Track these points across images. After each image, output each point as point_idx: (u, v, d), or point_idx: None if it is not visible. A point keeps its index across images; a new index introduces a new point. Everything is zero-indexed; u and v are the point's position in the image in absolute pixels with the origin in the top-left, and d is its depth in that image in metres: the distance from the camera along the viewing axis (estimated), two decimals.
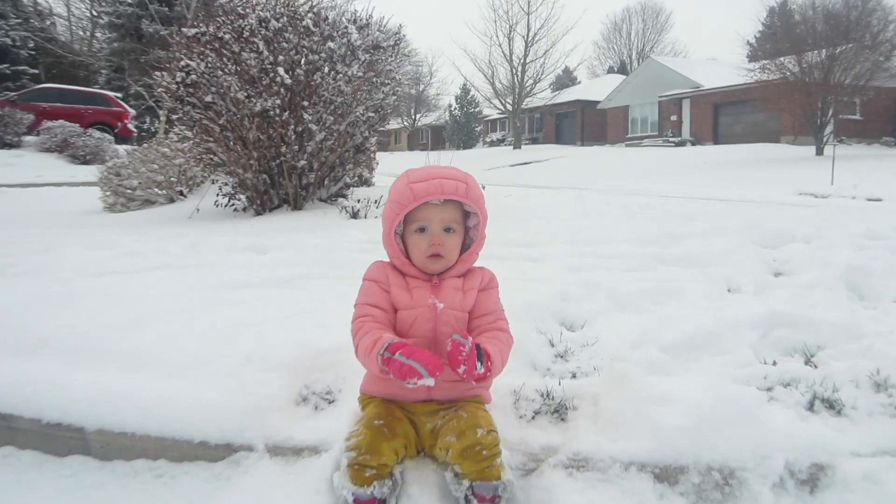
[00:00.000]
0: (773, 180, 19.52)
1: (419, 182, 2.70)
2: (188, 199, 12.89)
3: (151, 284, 5.14)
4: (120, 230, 9.35)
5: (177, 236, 7.88)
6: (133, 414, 3.14)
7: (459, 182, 2.72)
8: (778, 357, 3.83)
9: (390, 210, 2.76)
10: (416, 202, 2.69)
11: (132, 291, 4.90)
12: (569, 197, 13.57)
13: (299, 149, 9.93)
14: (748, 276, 5.37)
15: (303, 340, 3.67)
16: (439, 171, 2.73)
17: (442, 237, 2.77)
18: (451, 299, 2.81)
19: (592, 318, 4.41)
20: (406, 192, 2.70)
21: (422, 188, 2.68)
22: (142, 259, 6.28)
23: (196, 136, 10.72)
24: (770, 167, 24.64)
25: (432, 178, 2.70)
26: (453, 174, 2.74)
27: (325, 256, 6.30)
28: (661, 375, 3.27)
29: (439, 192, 2.69)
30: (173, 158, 13.48)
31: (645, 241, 6.94)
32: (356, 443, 2.59)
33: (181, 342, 3.71)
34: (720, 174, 23.14)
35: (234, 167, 10.24)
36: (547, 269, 5.65)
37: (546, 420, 3.11)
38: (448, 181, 2.70)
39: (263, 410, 3.12)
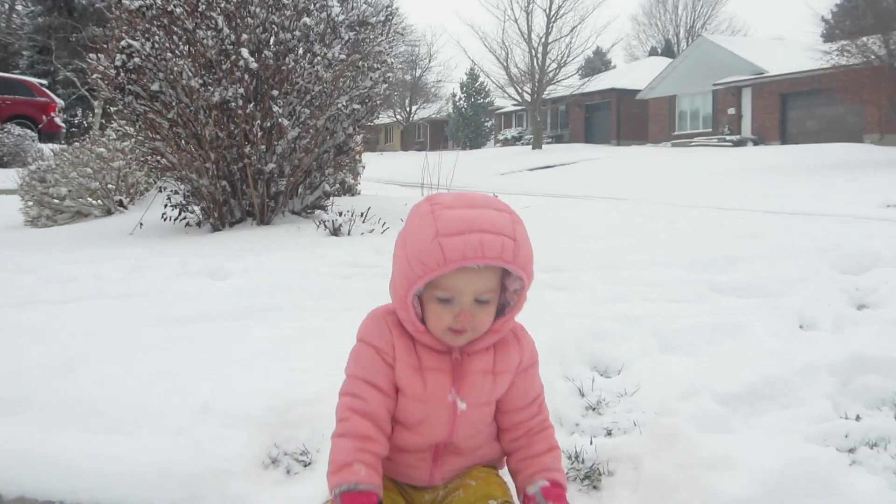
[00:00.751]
0: (854, 190, 19.51)
1: (452, 236, 2.33)
2: (129, 212, 12.95)
3: (84, 318, 5.15)
4: (45, 250, 9.38)
5: (115, 257, 7.90)
6: (61, 478, 3.13)
7: (506, 238, 2.36)
8: (862, 410, 3.83)
9: (409, 268, 2.41)
10: (446, 267, 2.34)
11: (61, 326, 4.91)
12: (602, 209, 13.59)
13: (267, 149, 9.98)
14: (825, 308, 5.37)
15: (272, 388, 3.68)
16: (480, 217, 2.37)
17: (472, 310, 2.46)
18: (479, 390, 2.62)
19: (632, 361, 4.42)
20: (433, 251, 2.34)
21: (456, 247, 2.32)
22: (72, 286, 6.29)
23: (139, 133, 10.78)
24: (851, 173, 24.64)
25: (470, 230, 2.33)
26: (498, 225, 2.37)
27: (300, 283, 6.31)
28: (718, 433, 3.27)
29: (479, 255, 2.33)
30: (111, 161, 13.54)
31: (697, 264, 6.96)
32: None
33: (121, 390, 3.72)
34: (789, 181, 23.16)
35: (186, 171, 10.28)
36: (575, 299, 5.66)
37: (574, 489, 3.11)
38: (491, 237, 2.34)
39: (223, 475, 3.11)
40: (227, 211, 10.60)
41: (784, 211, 14.39)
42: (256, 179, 10.23)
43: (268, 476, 3.24)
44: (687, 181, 24.71)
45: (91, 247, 9.58)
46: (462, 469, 2.73)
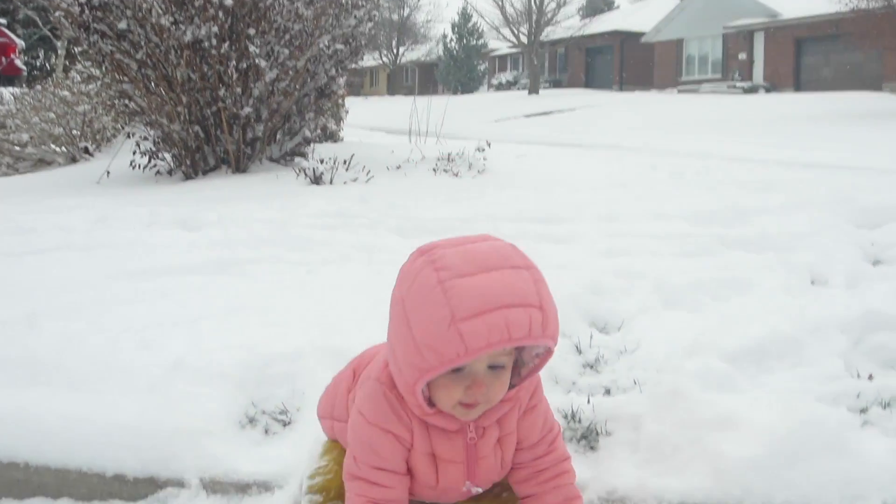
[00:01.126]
0: (872, 141, 19.48)
1: (471, 319, 2.06)
2: (95, 159, 12.89)
3: (48, 271, 5.16)
4: (5, 199, 9.35)
5: (81, 207, 7.88)
6: (26, 439, 3.16)
7: (533, 310, 2.11)
8: (875, 370, 3.85)
9: (420, 358, 2.14)
10: (467, 357, 2.09)
11: (23, 280, 4.92)
12: (603, 158, 13.57)
13: (243, 92, 9.92)
14: (838, 264, 5.39)
15: (249, 344, 3.70)
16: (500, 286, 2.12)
17: (487, 379, 2.24)
18: (490, 469, 2.52)
19: (632, 317, 4.44)
20: (452, 341, 2.07)
21: (478, 334, 2.06)
22: (36, 238, 6.28)
23: (106, 76, 10.71)
24: (868, 123, 24.58)
25: (492, 307, 2.07)
26: (521, 292, 2.13)
27: (278, 234, 6.31)
28: (724, 392, 3.30)
29: (505, 338, 2.07)
30: (76, 105, 13.47)
31: (703, 217, 6.96)
32: (324, 483, 2.58)
33: (88, 346, 3.73)
34: (803, 131, 23.10)
35: (155, 116, 10.22)
36: (573, 252, 5.67)
37: (570, 449, 3.10)
38: (517, 312, 2.09)
39: (197, 434, 3.14)
40: (201, 158, 10.55)
41: (797, 162, 14.37)
42: (231, 124, 10.18)
43: (245, 436, 3.26)
44: (694, 129, 24.64)
45: (55, 196, 9.54)
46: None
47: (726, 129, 24.78)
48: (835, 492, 2.70)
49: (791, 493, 2.70)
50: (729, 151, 16.60)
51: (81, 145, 13.31)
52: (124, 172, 10.99)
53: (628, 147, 18.22)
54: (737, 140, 20.54)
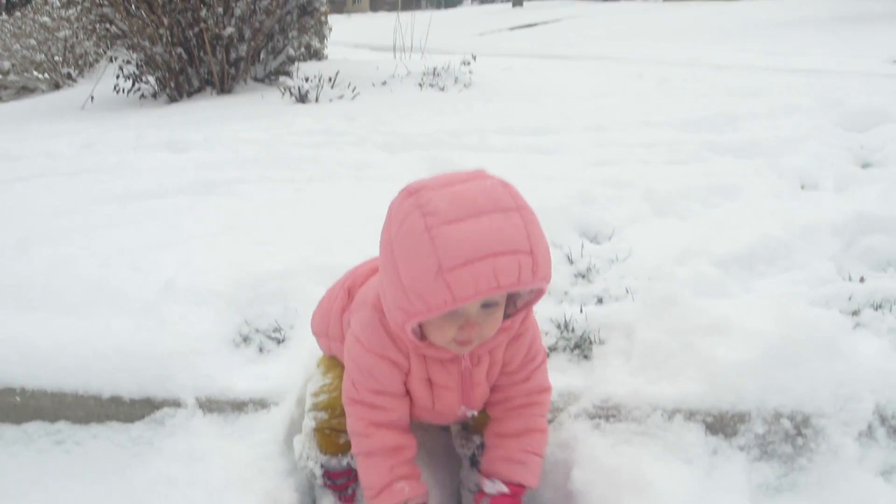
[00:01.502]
0: (859, 44, 19.37)
1: (459, 269, 2.03)
2: (79, 85, 12.77)
3: (36, 197, 5.12)
4: None
5: (66, 133, 7.82)
6: (21, 364, 3.15)
7: (523, 256, 2.07)
8: (867, 272, 3.86)
9: (407, 302, 2.13)
10: (454, 305, 2.07)
11: (10, 207, 4.89)
12: (590, 69, 13.47)
13: (224, 11, 9.80)
14: (828, 168, 5.38)
15: (240, 263, 3.68)
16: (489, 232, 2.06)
17: (480, 318, 2.24)
18: (483, 392, 2.56)
19: (623, 226, 4.43)
20: (438, 290, 2.06)
21: (465, 283, 2.04)
22: (21, 164, 6.23)
23: (85, 0, 10.54)
24: (855, 27, 24.40)
25: (480, 255, 2.03)
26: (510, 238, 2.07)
27: (265, 153, 6.27)
28: (715, 297, 3.29)
29: (493, 286, 2.05)
30: (56, 31, 13.30)
31: (692, 124, 6.94)
32: (329, 400, 2.58)
33: (79, 270, 3.71)
34: (790, 36, 22.93)
35: (137, 39, 10.09)
36: (563, 162, 5.65)
37: (564, 358, 3.14)
38: (506, 260, 2.05)
39: (192, 354, 3.13)
40: (185, 80, 10.46)
41: (784, 67, 14.30)
42: (214, 45, 10.06)
43: (239, 354, 3.26)
44: (680, 38, 24.44)
45: (39, 123, 9.46)
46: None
47: (713, 36, 24.59)
48: (827, 394, 2.70)
49: (784, 396, 2.70)
50: (716, 59, 16.50)
51: (64, 71, 13.16)
52: (108, 97, 10.89)
53: (615, 57, 18.09)
54: (723, 47, 20.40)
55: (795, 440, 2.69)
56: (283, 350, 3.26)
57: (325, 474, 2.58)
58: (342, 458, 2.56)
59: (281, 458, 2.72)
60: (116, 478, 2.81)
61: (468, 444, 2.64)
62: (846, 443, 2.68)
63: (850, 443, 2.68)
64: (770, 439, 2.70)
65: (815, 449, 2.67)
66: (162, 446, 2.89)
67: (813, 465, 2.67)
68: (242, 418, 2.94)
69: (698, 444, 2.68)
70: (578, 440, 2.72)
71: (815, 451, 2.67)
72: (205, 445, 2.84)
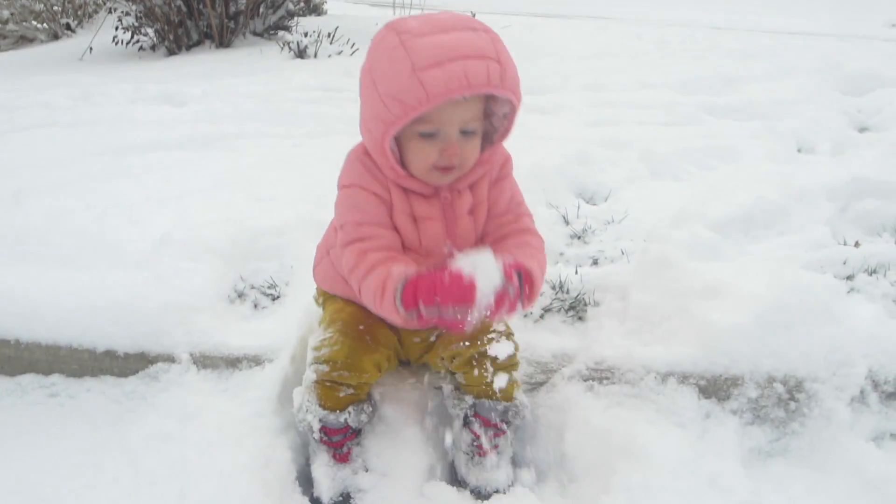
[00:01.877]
0: (858, 8, 19.31)
1: (432, 69, 2.16)
2: (78, 35, 12.67)
3: (33, 148, 5.08)
4: None
5: (64, 84, 7.75)
6: (15, 316, 3.13)
7: (490, 62, 2.21)
8: (861, 236, 3.85)
9: (385, 109, 2.25)
10: (429, 104, 2.18)
11: (7, 157, 4.86)
12: (587, 29, 13.40)
13: None
14: (825, 131, 5.36)
15: (236, 218, 3.66)
16: (458, 42, 2.22)
17: (460, 143, 2.35)
18: (467, 231, 2.58)
19: (620, 187, 4.41)
20: (413, 88, 2.18)
21: (438, 81, 2.16)
22: (19, 115, 6.19)
23: None
24: None
25: (451, 58, 2.17)
26: (479, 47, 2.23)
27: (263, 108, 6.23)
28: (710, 260, 3.28)
29: (464, 85, 2.17)
30: None
31: (689, 86, 6.90)
32: (331, 353, 2.55)
33: (75, 222, 3.68)
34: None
35: None
36: (559, 123, 5.62)
37: (559, 320, 3.13)
38: (475, 63, 2.19)
39: (187, 310, 3.11)
40: (184, 33, 10.37)
41: (783, 30, 14.23)
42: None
43: (234, 310, 3.24)
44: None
45: (38, 73, 9.39)
46: None
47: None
48: (820, 358, 2.70)
49: (777, 360, 2.70)
50: (715, 20, 16.45)
51: (63, 21, 13.05)
52: (107, 49, 10.80)
53: (613, 17, 18.00)
54: (722, 8, 20.33)
55: (788, 405, 2.69)
56: (278, 307, 3.24)
57: (322, 429, 2.57)
58: (340, 415, 2.55)
59: (274, 416, 2.70)
60: (110, 432, 2.80)
61: (460, 404, 2.63)
62: (838, 408, 2.68)
63: (842, 408, 2.68)
64: (763, 403, 2.69)
65: (808, 413, 2.68)
66: (155, 401, 2.87)
67: (805, 429, 2.67)
68: (236, 375, 2.92)
69: (691, 408, 2.68)
70: (571, 402, 2.72)
71: (807, 415, 2.68)
72: (198, 401, 2.82)
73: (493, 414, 2.60)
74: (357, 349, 2.53)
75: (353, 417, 2.55)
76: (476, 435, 2.63)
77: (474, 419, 2.61)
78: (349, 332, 2.56)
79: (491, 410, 2.59)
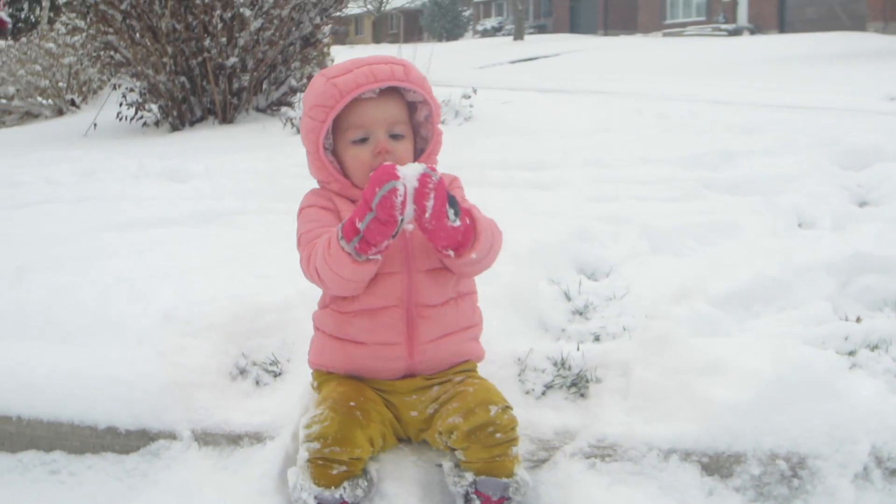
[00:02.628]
0: (856, 82, 19.43)
1: (343, 75, 2.63)
2: (82, 111, 12.80)
3: (36, 224, 5.12)
4: None
5: (68, 160, 7.81)
6: (17, 392, 3.13)
7: (395, 65, 2.66)
8: (863, 312, 3.85)
9: (310, 120, 2.67)
10: (343, 99, 2.59)
11: (11, 233, 4.89)
12: (588, 104, 13.51)
13: (228, 42, 9.83)
14: (825, 206, 5.38)
15: (238, 295, 3.67)
16: (367, 59, 2.68)
17: (389, 143, 2.67)
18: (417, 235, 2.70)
19: (620, 263, 4.43)
20: (327, 91, 2.61)
21: (348, 80, 2.60)
22: (22, 191, 6.23)
23: (91, 27, 10.59)
24: (853, 63, 24.49)
25: (358, 66, 2.64)
26: (385, 59, 2.68)
27: (265, 184, 6.28)
28: (712, 337, 3.30)
29: (371, 79, 2.61)
30: (61, 57, 13.34)
31: (689, 161, 6.94)
32: (321, 430, 2.54)
33: (77, 299, 3.70)
34: (787, 73, 23.02)
35: (141, 67, 10.13)
36: (560, 199, 5.65)
37: (561, 396, 3.13)
38: (380, 66, 2.63)
39: (189, 387, 3.11)
40: (187, 109, 10.48)
41: (782, 104, 14.33)
42: (217, 75, 10.10)
43: (236, 387, 3.24)
44: (679, 73, 24.53)
45: (42, 149, 9.47)
46: (440, 339, 2.74)
47: (711, 72, 24.69)
48: (823, 435, 2.69)
49: (780, 437, 2.69)
50: (714, 95, 16.54)
51: (68, 98, 13.20)
52: (111, 124, 10.91)
53: (613, 92, 18.13)
54: (721, 83, 20.47)
55: (791, 481, 2.67)
56: (279, 384, 3.24)
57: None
58: (335, 491, 2.53)
59: (276, 494, 2.69)
60: None
61: (461, 482, 2.62)
62: (842, 485, 2.66)
63: (846, 485, 2.66)
64: (766, 480, 2.68)
65: (811, 491, 2.66)
66: (157, 479, 2.87)
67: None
68: (238, 452, 2.92)
69: (694, 485, 2.67)
70: (574, 480, 2.70)
71: (810, 492, 2.66)
72: (200, 479, 2.82)
73: (493, 491, 2.58)
74: (347, 424, 2.54)
75: (349, 493, 2.53)
76: None
77: (475, 496, 2.59)
78: (339, 409, 2.57)
79: (491, 487, 2.58)
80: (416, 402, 2.75)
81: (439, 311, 2.72)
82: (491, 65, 36.08)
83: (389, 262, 2.63)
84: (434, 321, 2.71)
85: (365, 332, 2.67)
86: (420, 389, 2.77)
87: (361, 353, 2.68)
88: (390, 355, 2.69)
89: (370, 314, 2.65)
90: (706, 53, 31.77)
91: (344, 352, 2.73)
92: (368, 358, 2.69)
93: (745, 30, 45.61)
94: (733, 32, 44.84)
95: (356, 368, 2.75)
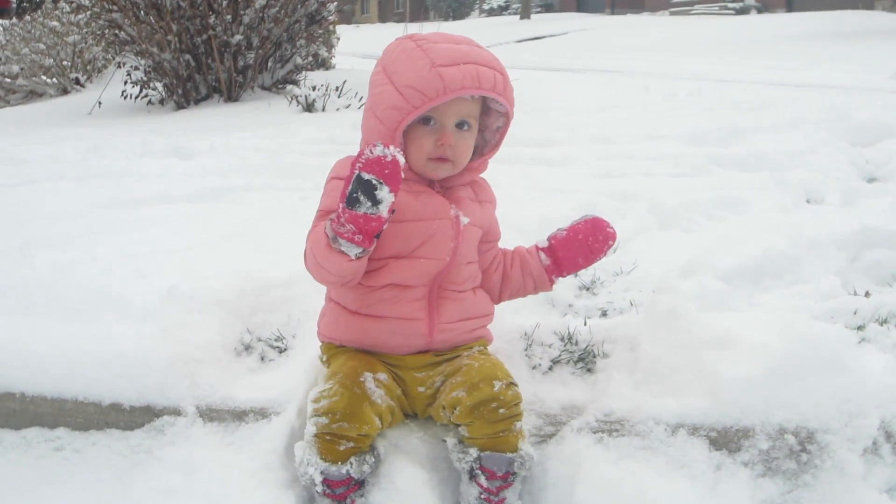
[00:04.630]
0: (864, 59, 19.38)
1: (450, 66, 2.48)
2: (87, 90, 12.78)
3: (41, 201, 5.11)
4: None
5: (73, 138, 7.81)
6: (21, 369, 3.12)
7: (497, 73, 2.56)
8: (872, 286, 3.85)
9: (402, 99, 2.52)
10: (445, 96, 2.49)
11: (16, 210, 4.87)
12: (596, 82, 13.49)
13: (233, 19, 9.80)
14: (833, 181, 5.37)
15: (243, 271, 3.65)
16: (471, 51, 2.57)
17: (454, 136, 2.62)
18: (471, 212, 2.78)
19: (628, 238, 4.41)
20: (432, 80, 2.48)
21: (455, 77, 2.48)
22: (28, 168, 6.23)
23: (95, 5, 10.55)
24: (860, 42, 24.43)
25: (465, 61, 2.51)
26: (488, 59, 2.58)
27: (271, 162, 6.26)
28: (720, 311, 3.27)
29: (476, 85, 2.52)
30: (66, 35, 13.31)
31: (697, 137, 6.92)
32: (329, 405, 2.53)
33: (82, 275, 3.68)
34: (795, 51, 22.96)
35: (146, 45, 10.10)
36: (568, 175, 5.63)
37: (568, 371, 3.12)
38: (485, 70, 2.53)
39: (193, 363, 3.10)
40: (192, 87, 10.46)
41: (790, 82, 14.30)
42: (222, 52, 10.07)
43: (241, 363, 3.23)
44: (686, 52, 24.48)
45: (47, 127, 9.46)
46: (459, 322, 2.77)
47: (718, 50, 24.64)
48: (832, 409, 2.68)
49: (788, 411, 2.68)
50: (722, 72, 16.52)
51: (72, 76, 13.17)
52: (116, 103, 10.89)
53: (621, 70, 18.11)
54: (729, 61, 20.43)
55: (800, 456, 2.66)
56: (284, 359, 3.23)
57: (325, 482, 2.55)
58: (342, 466, 2.52)
59: (281, 469, 2.68)
60: (115, 486, 2.78)
61: (465, 457, 2.61)
62: (851, 459, 2.65)
63: (855, 459, 2.66)
64: (774, 455, 2.67)
65: (820, 465, 2.65)
66: (161, 455, 2.85)
67: (817, 481, 2.64)
68: (243, 428, 2.91)
69: (702, 460, 2.66)
70: (581, 455, 2.69)
71: (819, 467, 2.65)
72: (204, 455, 2.81)
73: (498, 466, 2.58)
74: (357, 400, 2.53)
75: (356, 468, 2.53)
76: (482, 488, 2.61)
77: (480, 472, 2.59)
78: (349, 384, 2.56)
79: (496, 462, 2.57)
80: (424, 378, 2.76)
81: (463, 295, 2.76)
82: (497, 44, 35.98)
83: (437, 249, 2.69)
84: (457, 304, 2.74)
85: (388, 304, 2.67)
86: (430, 366, 2.77)
87: (379, 328, 2.68)
88: (409, 331, 2.69)
89: (400, 289, 2.66)
90: (713, 32, 31.71)
91: (359, 326, 2.73)
92: (386, 332, 2.69)
93: (753, 8, 45.41)
94: (741, 11, 44.67)
95: (371, 343, 2.75)
